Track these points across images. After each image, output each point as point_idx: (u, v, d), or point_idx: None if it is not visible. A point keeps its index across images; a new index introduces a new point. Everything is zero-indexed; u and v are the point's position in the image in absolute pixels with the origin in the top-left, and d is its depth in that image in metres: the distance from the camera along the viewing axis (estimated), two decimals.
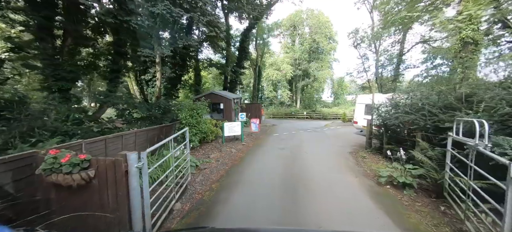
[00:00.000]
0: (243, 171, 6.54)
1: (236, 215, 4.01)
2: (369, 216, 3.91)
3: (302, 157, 8.07)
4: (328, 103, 45.33)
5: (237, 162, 7.49)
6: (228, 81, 20.14)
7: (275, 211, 4.09)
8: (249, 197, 4.73)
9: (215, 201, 4.58)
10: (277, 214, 3.99)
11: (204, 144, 10.05)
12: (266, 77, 37.88)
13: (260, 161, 7.57)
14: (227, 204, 4.41)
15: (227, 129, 10.49)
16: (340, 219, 3.85)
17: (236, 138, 11.23)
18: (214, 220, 3.85)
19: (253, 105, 19.92)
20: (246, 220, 3.88)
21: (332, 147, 9.96)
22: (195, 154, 8.50)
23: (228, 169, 6.80)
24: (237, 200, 4.61)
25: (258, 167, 6.88)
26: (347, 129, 15.91)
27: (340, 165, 7.21)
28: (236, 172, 6.51)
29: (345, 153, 8.84)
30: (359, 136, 12.87)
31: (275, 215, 3.96)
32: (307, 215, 3.94)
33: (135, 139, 7.36)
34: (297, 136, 12.87)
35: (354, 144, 10.62)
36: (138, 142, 7.45)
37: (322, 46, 38.43)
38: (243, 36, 19.44)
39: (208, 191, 5.18)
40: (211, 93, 13.90)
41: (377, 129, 9.17)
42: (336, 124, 18.94)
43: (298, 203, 4.42)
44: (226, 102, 13.82)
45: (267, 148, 9.79)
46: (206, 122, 9.69)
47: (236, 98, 15.74)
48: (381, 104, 8.61)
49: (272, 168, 6.83)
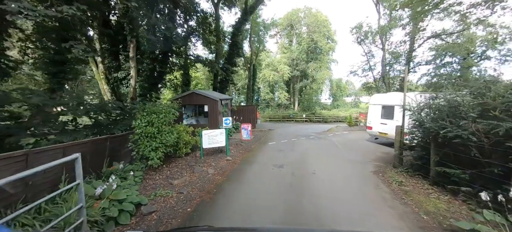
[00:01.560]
0: (216, 215, 3.81)
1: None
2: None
3: (311, 183, 5.36)
4: (327, 105, 42.87)
5: (210, 195, 4.74)
6: (218, 80, 17.42)
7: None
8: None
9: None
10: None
11: (173, 160, 7.28)
12: (263, 78, 35.27)
13: (247, 193, 4.84)
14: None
15: (207, 139, 7.75)
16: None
17: (220, 150, 8.50)
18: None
19: (246, 108, 17.20)
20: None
21: (347, 163, 7.26)
22: (152, 178, 5.73)
23: (192, 211, 4.05)
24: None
25: (242, 208, 4.14)
26: (356, 135, 13.27)
27: (372, 199, 4.51)
28: (204, 218, 3.78)
29: (369, 174, 6.15)
30: (375, 145, 10.22)
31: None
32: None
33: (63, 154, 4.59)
34: (298, 145, 10.17)
35: (374, 158, 7.96)
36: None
37: (321, 45, 36.04)
38: (235, 30, 16.78)
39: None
40: (192, 93, 11.21)
41: (409, 139, 6.52)
42: (341, 128, 16.34)
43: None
44: (212, 103, 11.11)
45: (259, 165, 7.06)
46: (176, 131, 6.94)
47: (225, 99, 13.02)
48: (422, 104, 5.96)
49: (265, 208, 4.10)
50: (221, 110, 11.72)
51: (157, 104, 6.71)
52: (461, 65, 20.11)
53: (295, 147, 9.71)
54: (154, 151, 5.96)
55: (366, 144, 10.39)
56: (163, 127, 6.24)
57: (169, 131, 6.34)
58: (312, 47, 35.96)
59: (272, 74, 34.26)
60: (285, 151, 8.88)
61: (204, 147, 7.75)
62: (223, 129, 8.06)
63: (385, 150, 9.09)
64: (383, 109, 9.99)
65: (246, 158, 7.93)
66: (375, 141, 10.70)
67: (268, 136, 13.15)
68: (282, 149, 9.23)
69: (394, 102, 9.38)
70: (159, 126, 6.12)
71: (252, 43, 25.90)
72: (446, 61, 20.41)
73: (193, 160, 7.49)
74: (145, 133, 5.91)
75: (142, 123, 5.92)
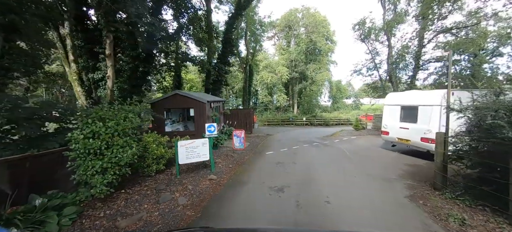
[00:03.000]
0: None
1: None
2: None
3: (326, 220, 3.51)
4: (327, 108, 41.14)
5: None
6: (211, 80, 15.60)
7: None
8: None
9: None
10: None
11: (137, 182, 5.41)
12: (260, 81, 33.54)
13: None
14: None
15: (185, 152, 5.88)
16: None
17: (204, 165, 6.64)
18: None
19: (241, 111, 15.33)
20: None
21: (369, 182, 5.40)
22: (94, 215, 3.85)
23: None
24: None
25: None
26: (366, 141, 11.43)
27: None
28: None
29: (404, 202, 4.29)
30: (393, 153, 8.38)
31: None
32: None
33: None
34: (301, 156, 8.32)
35: (400, 172, 6.10)
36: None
37: (320, 46, 34.45)
38: (228, 26, 15.02)
39: None
40: (175, 94, 9.38)
41: (454, 150, 4.69)
42: (346, 132, 14.51)
43: None
44: (198, 106, 9.27)
45: (251, 188, 5.19)
46: (137, 143, 5.07)
47: (215, 101, 11.19)
48: (485, 106, 4.13)
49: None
50: (210, 114, 9.88)
51: (117, 108, 4.87)
52: (472, 62, 18.39)
53: (298, 158, 7.85)
54: (100, 174, 4.09)
55: (382, 153, 8.55)
56: (115, 139, 4.38)
57: (124, 145, 4.47)
58: (311, 48, 34.36)
59: (270, 76, 32.55)
60: (285, 165, 7.01)
61: (181, 163, 5.88)
62: (206, 139, 6.20)
63: (410, 161, 7.25)
64: (403, 111, 8.18)
65: (235, 175, 6.06)
66: (393, 149, 8.87)
67: (265, 143, 11.28)
68: (281, 162, 7.36)
69: (418, 102, 7.59)
70: (107, 139, 4.26)
71: (248, 43, 24.17)
72: (454, 59, 18.74)
73: (166, 180, 5.62)
74: (87, 148, 4.05)
75: (81, 136, 4.06)
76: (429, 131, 7.00)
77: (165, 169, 6.22)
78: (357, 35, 19.30)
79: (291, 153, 8.75)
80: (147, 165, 5.68)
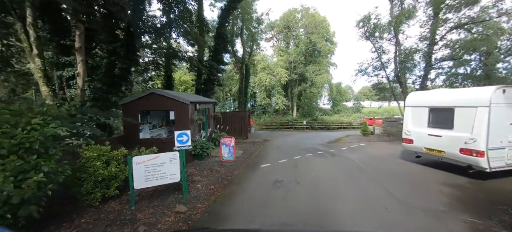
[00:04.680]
0: None
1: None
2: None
3: None
4: (327, 111, 39.49)
5: None
6: (202, 80, 13.87)
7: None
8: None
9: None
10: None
11: (69, 217, 3.62)
12: (258, 83, 31.90)
13: None
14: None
15: (143, 171, 4.10)
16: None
17: (176, 188, 4.85)
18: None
19: (236, 115, 13.54)
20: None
21: (409, 220, 3.61)
22: None
23: None
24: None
25: None
26: (380, 149, 9.68)
27: None
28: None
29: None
30: (419, 166, 6.62)
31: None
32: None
33: None
34: (304, 170, 6.57)
35: (443, 199, 4.33)
36: None
37: (319, 47, 32.97)
38: (221, 19, 13.34)
39: None
40: (152, 93, 7.61)
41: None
42: (353, 138, 12.75)
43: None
44: (180, 108, 7.52)
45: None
46: (50, 163, 3.28)
47: (202, 102, 9.43)
48: None
49: None
50: (195, 117, 8.11)
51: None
52: (487, 62, 16.77)
53: (301, 174, 6.09)
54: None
55: (406, 167, 6.78)
56: (14, 161, 2.60)
57: (21, 169, 2.69)
58: (311, 49, 32.85)
59: (269, 77, 30.93)
60: (285, 185, 5.24)
61: (137, 188, 4.10)
62: (175, 152, 4.43)
63: (446, 178, 5.49)
64: (432, 114, 6.45)
65: (216, 204, 4.27)
66: (417, 160, 7.12)
67: (261, 152, 9.51)
68: (280, 180, 5.59)
69: (454, 102, 5.87)
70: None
71: (245, 41, 22.53)
72: (463, 59, 17.16)
73: (114, 214, 3.84)
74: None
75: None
76: (473, 140, 5.27)
77: (120, 194, 4.44)
78: (362, 32, 17.65)
79: (292, 166, 6.98)
80: (86, 191, 3.89)
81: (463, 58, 16.73)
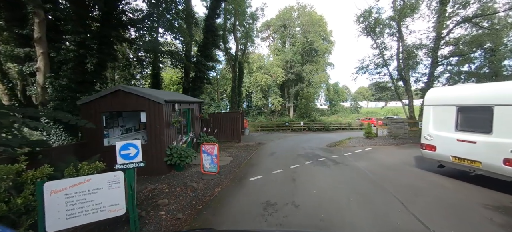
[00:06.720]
0: None
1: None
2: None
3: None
4: (324, 111, 38.32)
5: None
6: (190, 78, 12.42)
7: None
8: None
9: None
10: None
11: None
12: (254, 82, 30.55)
13: None
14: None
15: (63, 203, 2.66)
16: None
17: (117, 221, 3.42)
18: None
19: (227, 116, 12.12)
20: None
21: None
22: None
23: None
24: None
25: None
26: (390, 155, 8.34)
27: None
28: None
29: None
30: (447, 180, 5.29)
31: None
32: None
33: None
34: (304, 186, 5.20)
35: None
36: None
37: (317, 46, 31.77)
38: (210, 11, 11.94)
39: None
40: (118, 90, 6.15)
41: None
42: (356, 140, 11.43)
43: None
44: (153, 109, 6.11)
45: None
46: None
47: (183, 101, 7.99)
48: None
49: None
50: (172, 120, 6.67)
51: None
52: (493, 59, 15.63)
53: (299, 193, 4.70)
54: None
55: (429, 181, 5.44)
56: None
57: None
58: (307, 48, 31.62)
59: (265, 77, 29.60)
60: (279, 211, 3.85)
61: (52, 231, 2.66)
62: (118, 173, 3.00)
63: (488, 199, 4.15)
64: (461, 114, 5.14)
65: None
66: (441, 171, 5.80)
67: (253, 159, 8.11)
68: (273, 202, 4.19)
69: (493, 99, 4.57)
70: None
71: (239, 38, 21.12)
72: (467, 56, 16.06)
73: None
74: None
75: None
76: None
77: None
78: (362, 27, 16.44)
79: (288, 179, 5.60)
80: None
81: (468, 55, 15.64)
